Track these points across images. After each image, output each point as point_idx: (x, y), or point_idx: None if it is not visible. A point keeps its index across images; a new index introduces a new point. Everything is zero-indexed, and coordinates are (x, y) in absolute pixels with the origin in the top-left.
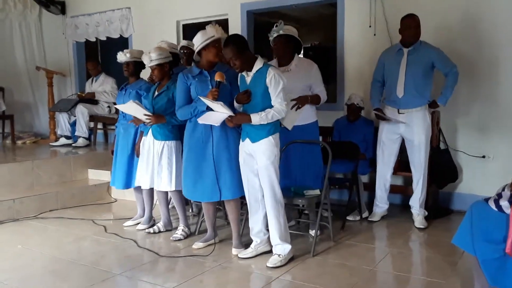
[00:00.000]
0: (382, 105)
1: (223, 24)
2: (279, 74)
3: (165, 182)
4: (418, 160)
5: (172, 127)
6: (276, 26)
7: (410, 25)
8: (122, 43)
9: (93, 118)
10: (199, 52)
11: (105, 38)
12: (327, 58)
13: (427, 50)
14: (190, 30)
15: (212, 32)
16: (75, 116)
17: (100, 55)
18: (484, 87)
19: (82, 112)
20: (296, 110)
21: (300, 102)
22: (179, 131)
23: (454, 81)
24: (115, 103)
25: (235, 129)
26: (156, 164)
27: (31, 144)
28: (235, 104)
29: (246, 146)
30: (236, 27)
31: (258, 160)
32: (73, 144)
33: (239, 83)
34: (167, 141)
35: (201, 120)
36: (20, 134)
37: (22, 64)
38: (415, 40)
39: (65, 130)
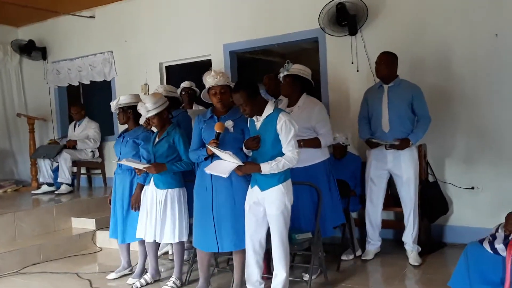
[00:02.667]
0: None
1: (207, 64)
2: (290, 121)
3: (168, 234)
4: (408, 195)
5: (175, 173)
6: (285, 66)
7: (379, 61)
8: (105, 86)
9: (76, 163)
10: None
11: (88, 82)
12: (311, 92)
13: (407, 87)
14: (173, 72)
15: (206, 82)
16: (57, 162)
17: (82, 99)
18: (469, 120)
19: (65, 158)
20: None
21: None
22: (182, 177)
23: (425, 126)
24: (99, 148)
25: (240, 177)
26: (159, 215)
27: (13, 193)
28: (244, 149)
29: (254, 194)
30: (219, 67)
31: (267, 209)
32: (55, 192)
33: (248, 126)
34: (169, 189)
35: (208, 170)
36: (1, 182)
37: (1, 111)
38: (382, 76)
39: (47, 177)
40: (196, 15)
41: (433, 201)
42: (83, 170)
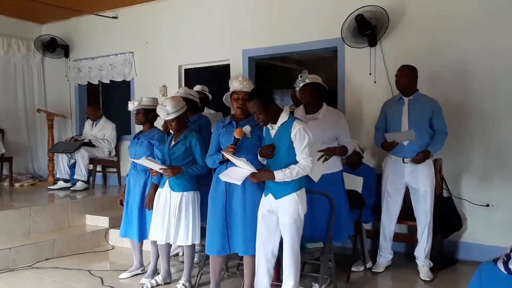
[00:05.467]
0: (386, 156)
1: (225, 69)
2: (305, 129)
3: (182, 236)
4: (424, 210)
5: (190, 177)
6: (301, 76)
7: (400, 73)
8: (124, 86)
9: (92, 160)
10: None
11: (108, 81)
12: (327, 101)
13: (427, 102)
14: (192, 75)
15: (231, 86)
16: (74, 159)
17: (101, 98)
18: (486, 136)
19: (82, 155)
20: (323, 161)
21: (328, 153)
22: (197, 180)
23: (443, 139)
24: (115, 148)
25: (254, 184)
26: (173, 218)
27: (29, 187)
28: (259, 157)
29: (268, 202)
30: (238, 72)
31: (281, 218)
32: (71, 188)
33: (264, 135)
34: (185, 192)
35: (223, 176)
36: (18, 176)
37: (21, 106)
38: (403, 88)
39: (64, 173)
40: (217, 20)
41: (447, 217)
42: (98, 168)
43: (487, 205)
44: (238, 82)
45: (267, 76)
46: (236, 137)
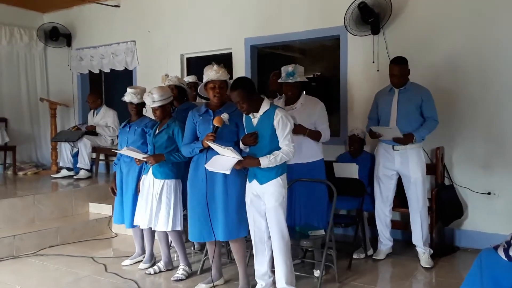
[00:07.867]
0: (378, 143)
1: (227, 58)
2: (287, 116)
3: (162, 222)
4: (415, 197)
5: (172, 165)
6: (289, 70)
7: (393, 73)
8: (126, 75)
9: (95, 149)
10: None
11: (109, 71)
12: (330, 90)
13: (417, 91)
14: (194, 64)
15: (206, 75)
16: (77, 148)
17: (103, 87)
18: (488, 124)
19: (85, 143)
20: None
21: (296, 130)
22: (180, 169)
23: (431, 127)
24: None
25: (235, 170)
26: (155, 204)
27: (32, 176)
28: (241, 145)
29: (253, 187)
30: (240, 60)
31: (266, 202)
32: (74, 176)
33: (244, 123)
34: (167, 180)
35: (209, 166)
36: (21, 165)
37: (24, 96)
38: (400, 85)
39: (67, 162)
40: (219, 9)
41: (448, 205)
42: (101, 157)
43: (489, 193)
44: (214, 71)
45: (269, 65)
46: (216, 125)
